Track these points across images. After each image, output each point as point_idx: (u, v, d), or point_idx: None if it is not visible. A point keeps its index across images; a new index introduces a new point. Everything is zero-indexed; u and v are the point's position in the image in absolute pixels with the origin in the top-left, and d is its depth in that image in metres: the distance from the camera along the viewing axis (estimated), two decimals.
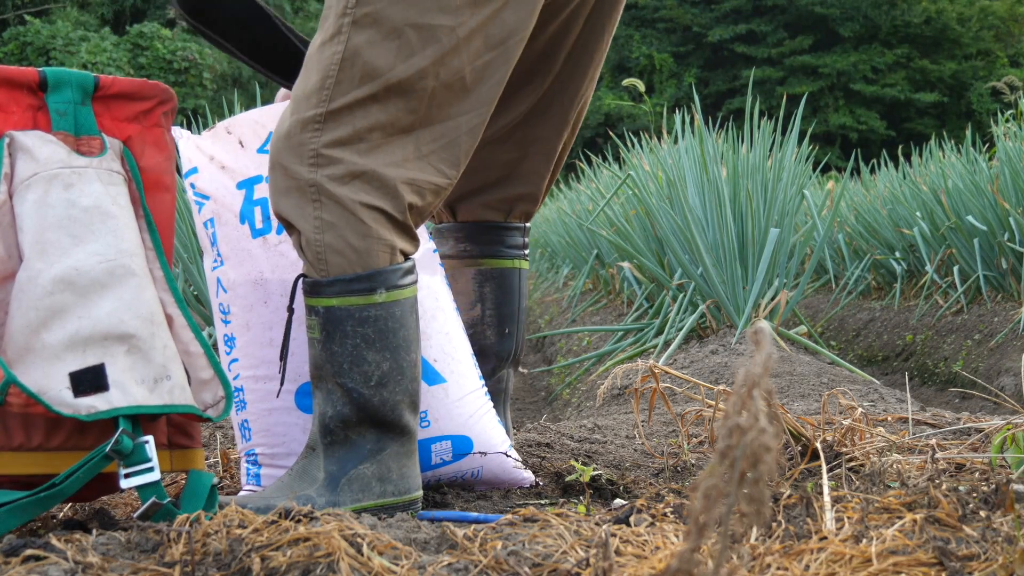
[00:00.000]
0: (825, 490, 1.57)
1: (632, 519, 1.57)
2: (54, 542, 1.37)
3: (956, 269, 5.93)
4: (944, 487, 1.55)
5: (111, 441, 1.56)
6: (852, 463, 1.98)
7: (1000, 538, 1.36)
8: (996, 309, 5.52)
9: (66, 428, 1.64)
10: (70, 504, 1.82)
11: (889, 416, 2.59)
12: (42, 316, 1.58)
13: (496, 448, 2.05)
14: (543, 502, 1.99)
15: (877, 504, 1.54)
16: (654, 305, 5.17)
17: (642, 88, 4.93)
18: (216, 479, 1.74)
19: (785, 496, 1.57)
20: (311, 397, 1.95)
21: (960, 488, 1.55)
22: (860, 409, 2.13)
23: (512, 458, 2.07)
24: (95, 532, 1.45)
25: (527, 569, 1.34)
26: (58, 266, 1.61)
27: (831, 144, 24.77)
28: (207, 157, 2.03)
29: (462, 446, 2.02)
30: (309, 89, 1.81)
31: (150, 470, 1.59)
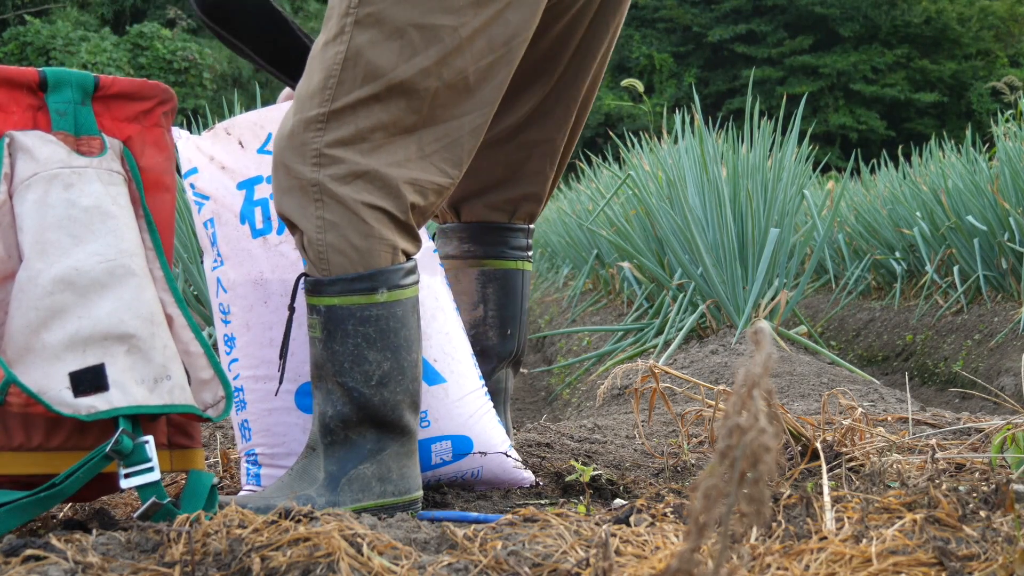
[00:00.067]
0: (825, 490, 1.57)
1: (632, 519, 1.57)
2: (54, 542, 1.37)
3: (956, 269, 5.93)
4: (944, 487, 1.55)
5: (111, 441, 1.56)
6: (852, 463, 1.98)
7: (1000, 538, 1.36)
8: (996, 309, 5.52)
9: (66, 428, 1.64)
10: (70, 504, 1.82)
11: (889, 416, 2.59)
12: (42, 316, 1.58)
13: (496, 448, 2.05)
14: (543, 502, 1.99)
15: (877, 504, 1.54)
16: (654, 305, 5.17)
17: (641, 88, 4.93)
18: (216, 479, 1.74)
19: (785, 496, 1.57)
20: (311, 397, 1.95)
21: (960, 488, 1.55)
22: (860, 409, 2.13)
23: (512, 458, 2.07)
24: (95, 532, 1.45)
25: (527, 569, 1.34)
26: (58, 266, 1.61)
27: (831, 144, 24.77)
28: (207, 157, 2.03)
29: (462, 446, 2.02)
30: (312, 89, 1.81)
31: (150, 470, 1.59)
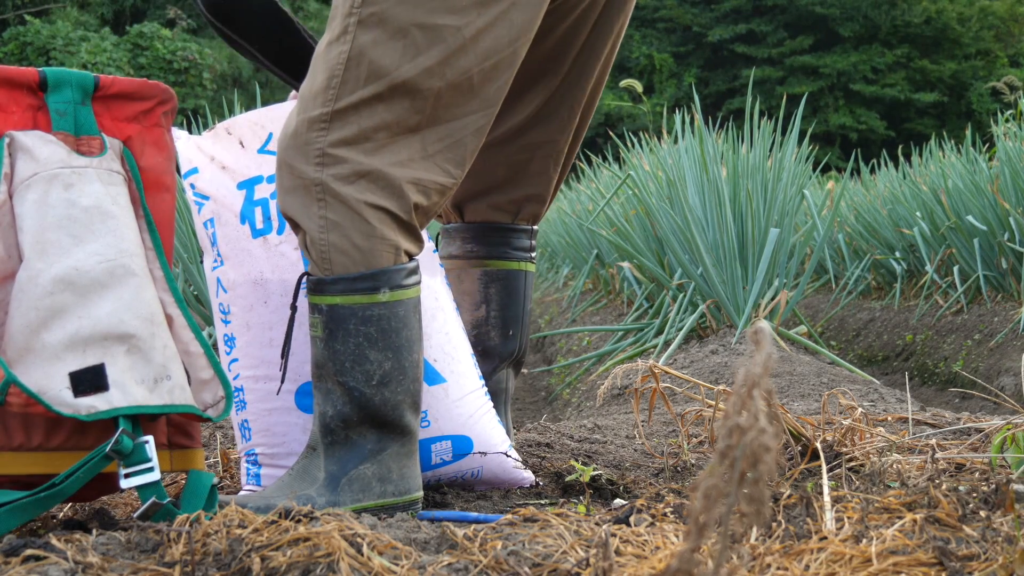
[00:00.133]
0: (825, 490, 1.57)
1: (632, 519, 1.57)
2: (54, 542, 1.37)
3: (956, 269, 5.92)
4: (944, 487, 1.55)
5: (111, 441, 1.56)
6: (852, 463, 1.98)
7: (1000, 538, 1.36)
8: (996, 309, 5.52)
9: (66, 428, 1.64)
10: (70, 504, 1.82)
11: (889, 416, 2.59)
12: (42, 316, 1.58)
13: (496, 448, 2.05)
14: (543, 502, 1.99)
15: (877, 504, 1.54)
16: (654, 305, 5.17)
17: (639, 89, 4.93)
18: (216, 479, 1.74)
19: (785, 496, 1.57)
20: (311, 397, 1.95)
21: (960, 488, 1.55)
22: (860, 409, 2.13)
23: (512, 458, 2.07)
24: (95, 532, 1.45)
25: (527, 569, 1.34)
26: (58, 266, 1.61)
27: (831, 144, 24.76)
28: (207, 157, 2.03)
29: (462, 446, 2.02)
30: (315, 89, 1.81)
31: (150, 470, 1.59)
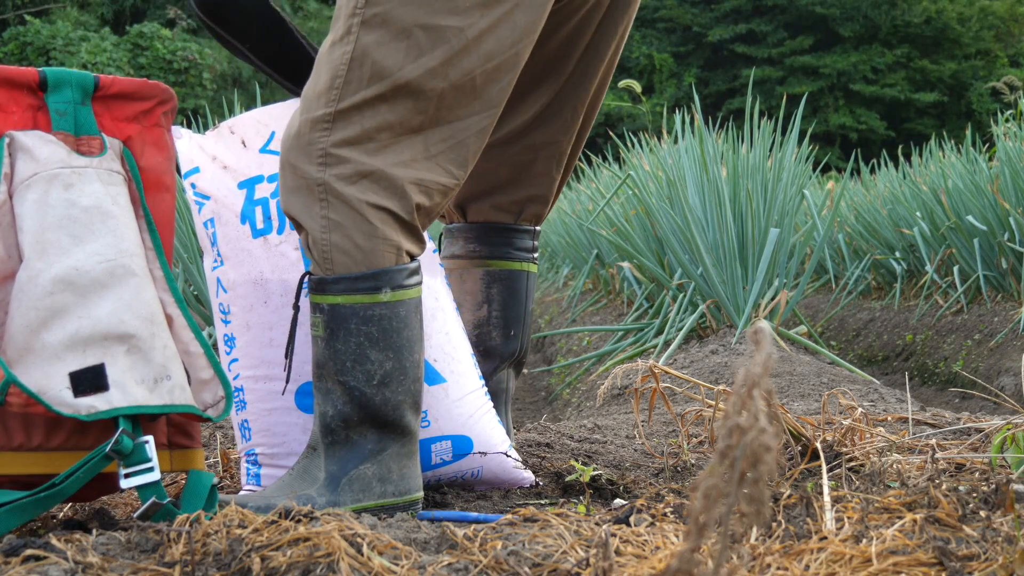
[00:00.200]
0: (825, 490, 1.57)
1: (632, 519, 1.57)
2: (54, 542, 1.37)
3: (956, 269, 5.92)
4: (944, 487, 1.55)
5: (111, 441, 1.56)
6: (852, 463, 1.98)
7: (1000, 538, 1.36)
8: (996, 309, 5.52)
9: (66, 428, 1.64)
10: (70, 504, 1.82)
11: (889, 416, 2.59)
12: (42, 316, 1.58)
13: (496, 448, 2.05)
14: (543, 502, 1.99)
15: (877, 504, 1.54)
16: (654, 305, 5.17)
17: (638, 89, 4.92)
18: (216, 479, 1.74)
19: (785, 496, 1.57)
20: (311, 397, 1.95)
21: (960, 488, 1.55)
22: (860, 409, 2.13)
23: (512, 458, 2.07)
24: (95, 532, 1.45)
25: (527, 569, 1.34)
26: (58, 266, 1.61)
27: (831, 144, 24.75)
28: (209, 157, 2.03)
29: (462, 446, 2.02)
30: (319, 89, 1.81)
31: (150, 470, 1.59)
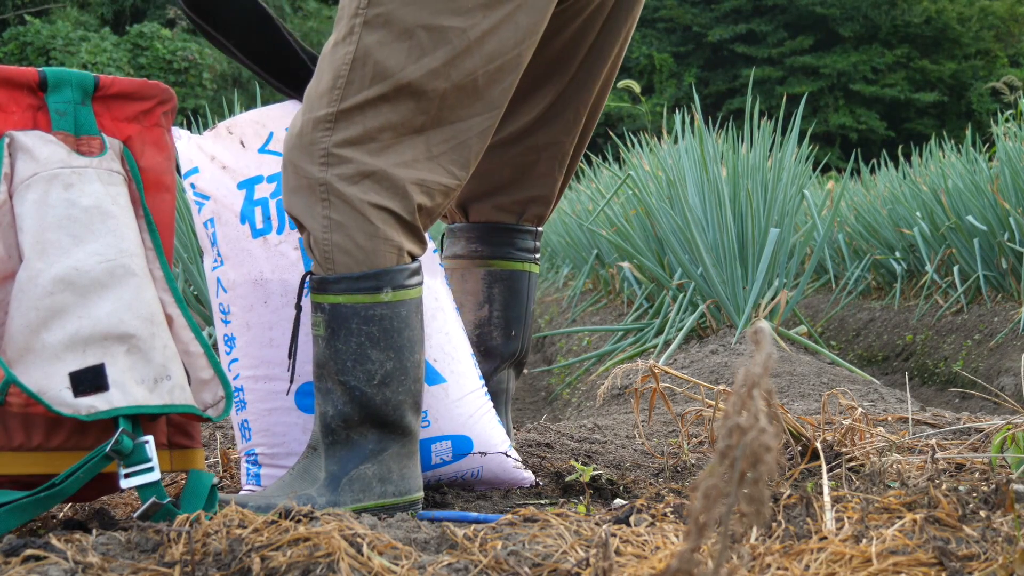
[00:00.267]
0: (825, 490, 1.57)
1: (632, 519, 1.57)
2: (54, 542, 1.37)
3: (956, 269, 5.92)
4: (944, 487, 1.55)
5: (111, 441, 1.56)
6: (852, 463, 1.98)
7: (1000, 538, 1.36)
8: (996, 309, 5.52)
9: (66, 428, 1.64)
10: (70, 504, 1.82)
11: (889, 416, 2.59)
12: (42, 316, 1.58)
13: (496, 448, 2.05)
14: (543, 502, 1.99)
15: (877, 504, 1.54)
16: (654, 305, 5.17)
17: (637, 89, 4.92)
18: (216, 479, 1.74)
19: (785, 496, 1.57)
20: (311, 397, 1.95)
21: (960, 488, 1.55)
22: (860, 409, 2.13)
23: (512, 458, 2.07)
24: (95, 532, 1.45)
25: (527, 569, 1.34)
26: (58, 266, 1.61)
27: (831, 144, 24.75)
28: (208, 157, 2.03)
29: (462, 446, 2.02)
30: (321, 89, 1.81)
31: (150, 470, 1.59)
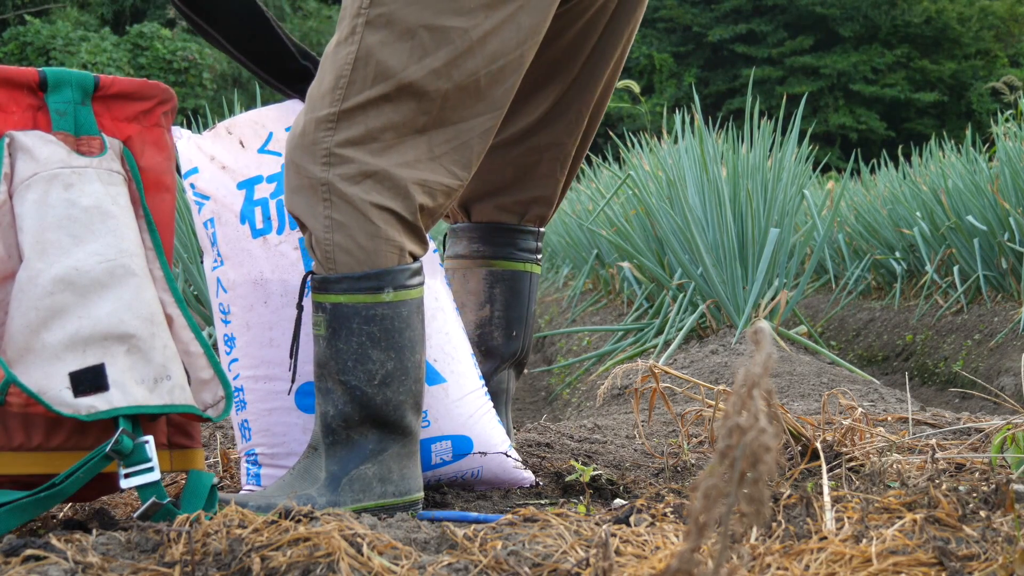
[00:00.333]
0: (825, 490, 1.57)
1: (632, 519, 1.57)
2: (54, 542, 1.37)
3: (956, 269, 5.92)
4: (944, 487, 1.55)
5: (111, 441, 1.56)
6: (852, 463, 1.98)
7: (1000, 538, 1.36)
8: (996, 309, 5.52)
9: (66, 428, 1.64)
10: (70, 504, 1.82)
11: (889, 416, 2.59)
12: (42, 316, 1.58)
13: (496, 448, 2.05)
14: (543, 502, 1.99)
15: (877, 504, 1.54)
16: (654, 305, 5.17)
17: (637, 90, 4.92)
18: (216, 479, 1.74)
19: (785, 496, 1.57)
20: (311, 397, 1.95)
21: (960, 488, 1.55)
22: (860, 409, 2.13)
23: (512, 458, 2.07)
24: (95, 532, 1.45)
25: (527, 569, 1.34)
26: (58, 266, 1.61)
27: (831, 144, 24.74)
28: (208, 157, 2.04)
29: (462, 446, 2.02)
30: (324, 89, 1.81)
31: (150, 470, 1.59)
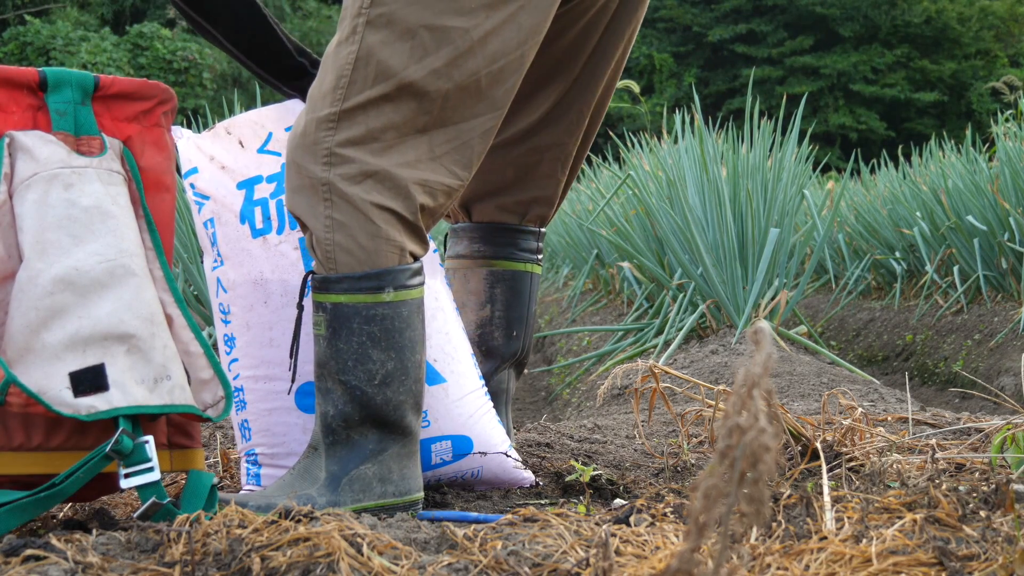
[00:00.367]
0: (825, 490, 1.57)
1: (632, 519, 1.57)
2: (54, 542, 1.37)
3: (956, 269, 5.92)
4: (944, 487, 1.55)
5: (111, 441, 1.56)
6: (852, 463, 1.98)
7: (1000, 538, 1.36)
8: (996, 309, 5.52)
9: (66, 428, 1.64)
10: (70, 504, 1.82)
11: (889, 416, 2.59)
12: (42, 316, 1.58)
13: (496, 448, 2.05)
14: (543, 502, 1.99)
15: (877, 504, 1.54)
16: (654, 305, 5.17)
17: (637, 90, 4.92)
18: (216, 479, 1.74)
19: (785, 496, 1.57)
20: (311, 397, 1.95)
21: (960, 488, 1.55)
22: (860, 409, 2.13)
23: (512, 458, 2.07)
24: (95, 532, 1.45)
25: (527, 569, 1.34)
26: (58, 266, 1.61)
27: (831, 144, 24.74)
28: (207, 157, 2.04)
29: (462, 446, 2.02)
30: (324, 89, 1.81)
31: (150, 470, 1.59)
